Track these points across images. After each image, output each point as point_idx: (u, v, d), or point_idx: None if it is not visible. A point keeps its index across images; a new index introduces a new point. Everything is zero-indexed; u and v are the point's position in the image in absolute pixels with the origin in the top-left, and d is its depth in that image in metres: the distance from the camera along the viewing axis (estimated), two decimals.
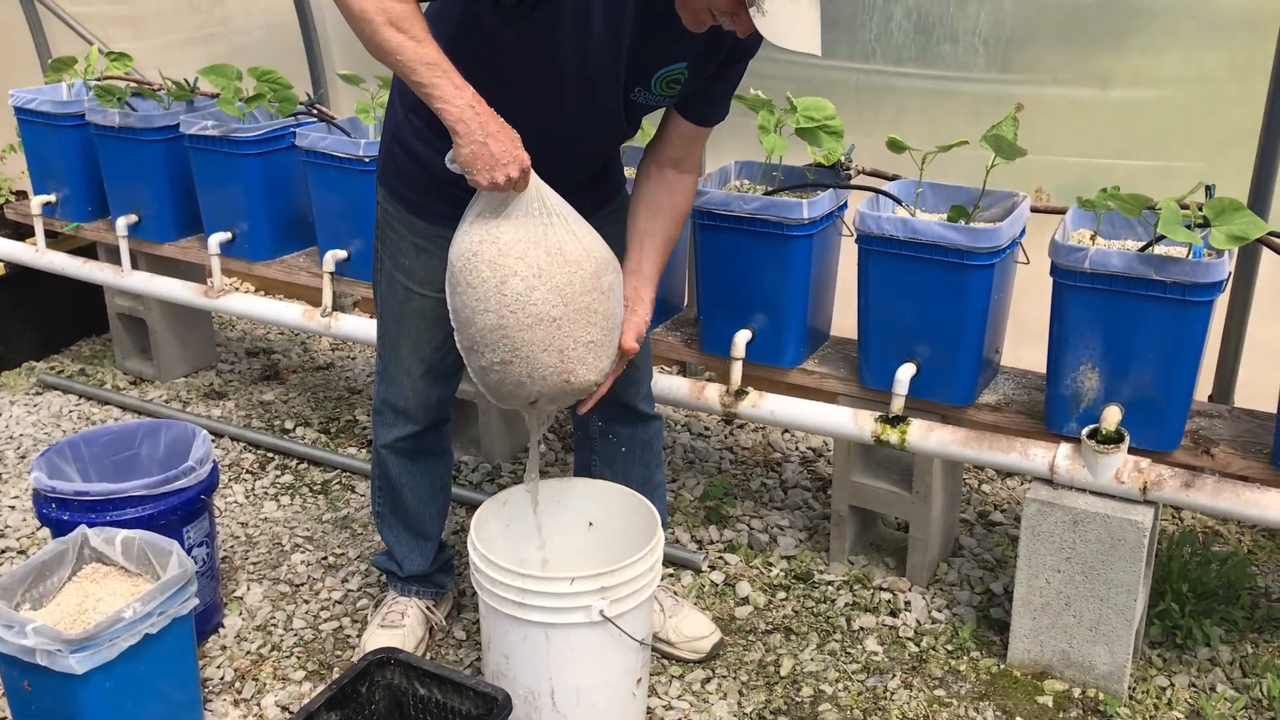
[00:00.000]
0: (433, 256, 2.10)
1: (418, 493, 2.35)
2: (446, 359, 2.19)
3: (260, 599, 2.64)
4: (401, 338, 2.19)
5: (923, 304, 2.33)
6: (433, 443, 2.32)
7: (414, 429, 2.26)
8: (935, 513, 2.58)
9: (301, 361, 3.86)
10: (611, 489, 2.25)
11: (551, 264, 1.86)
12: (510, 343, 1.88)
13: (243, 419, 3.46)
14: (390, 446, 2.30)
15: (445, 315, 2.11)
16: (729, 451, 3.23)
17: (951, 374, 2.37)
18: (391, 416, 2.27)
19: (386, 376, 2.25)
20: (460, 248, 1.90)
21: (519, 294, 1.85)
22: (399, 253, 2.14)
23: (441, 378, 2.22)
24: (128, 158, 3.32)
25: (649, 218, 2.08)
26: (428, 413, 2.25)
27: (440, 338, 2.16)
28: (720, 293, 2.57)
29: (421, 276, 2.13)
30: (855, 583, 2.64)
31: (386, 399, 2.26)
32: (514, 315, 1.86)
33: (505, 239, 1.85)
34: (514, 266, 1.85)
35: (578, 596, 1.97)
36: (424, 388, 2.21)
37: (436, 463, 2.36)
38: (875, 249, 2.34)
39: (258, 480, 3.14)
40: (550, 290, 1.85)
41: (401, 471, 2.33)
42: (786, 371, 2.60)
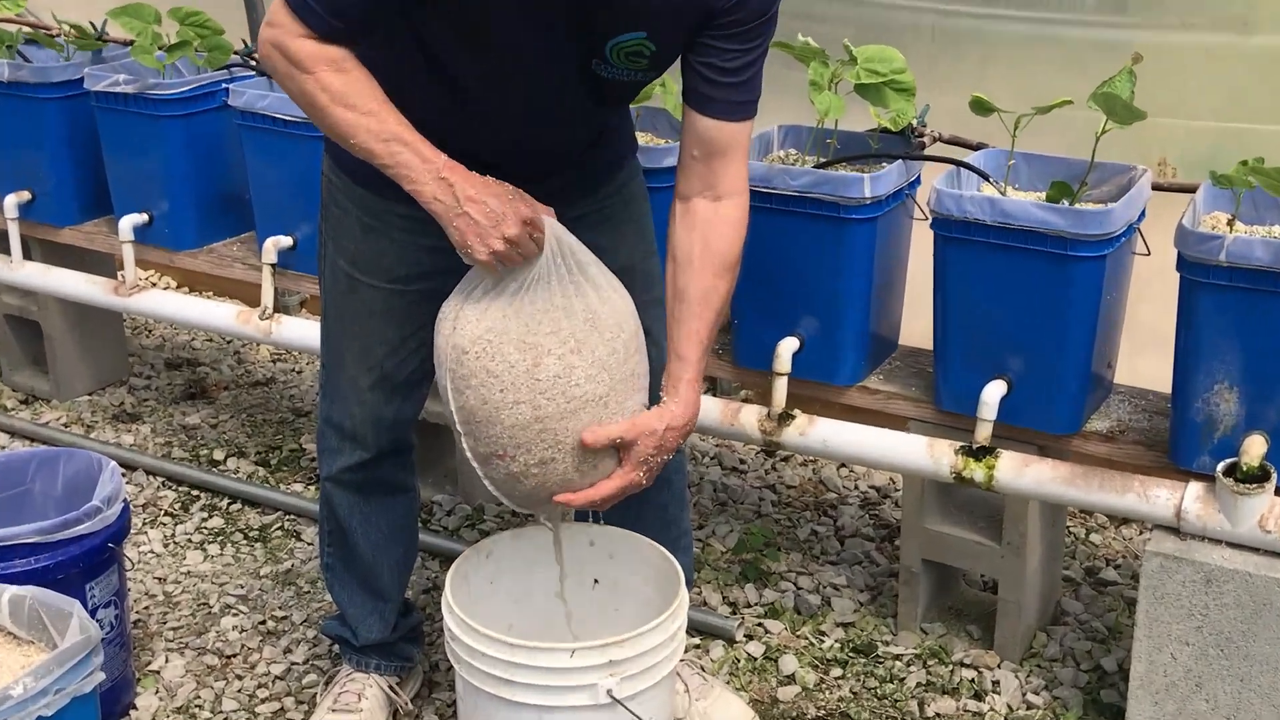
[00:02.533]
0: (382, 238, 2.13)
1: (372, 539, 2.37)
2: (404, 367, 2.21)
3: (182, 673, 2.64)
4: (346, 339, 2.22)
5: (1016, 306, 2.33)
6: (390, 475, 2.33)
7: (363, 456, 2.28)
8: (1031, 569, 2.57)
9: (235, 376, 3.87)
10: (622, 537, 2.25)
11: (590, 332, 1.92)
12: (552, 436, 1.92)
13: (161, 448, 3.47)
14: (336, 479, 2.32)
15: (399, 312, 2.16)
16: (770, 491, 3.23)
17: (1052, 394, 2.37)
18: (335, 440, 2.29)
19: (330, 389, 2.27)
20: (469, 332, 1.93)
21: (557, 376, 1.90)
22: (343, 233, 2.17)
23: (398, 392, 2.24)
24: (19, 120, 3.35)
25: (676, 274, 2.04)
26: (381, 436, 2.26)
27: (395, 339, 2.18)
28: (760, 291, 2.57)
29: (369, 263, 2.16)
30: (930, 657, 2.63)
31: (330, 417, 2.28)
32: (553, 403, 1.91)
33: (530, 310, 1.91)
34: (547, 344, 1.90)
35: (580, 673, 1.97)
36: (375, 403, 2.23)
37: (396, 502, 2.37)
38: (955, 236, 2.34)
39: (179, 525, 3.15)
40: (593, 365, 1.91)
41: (351, 511, 2.34)
42: (843, 390, 2.60)
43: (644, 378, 2.02)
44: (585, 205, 2.13)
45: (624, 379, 1.95)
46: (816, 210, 2.45)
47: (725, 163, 2.01)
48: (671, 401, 2.02)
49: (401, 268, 2.15)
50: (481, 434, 1.96)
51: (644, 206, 2.27)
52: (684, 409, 2.02)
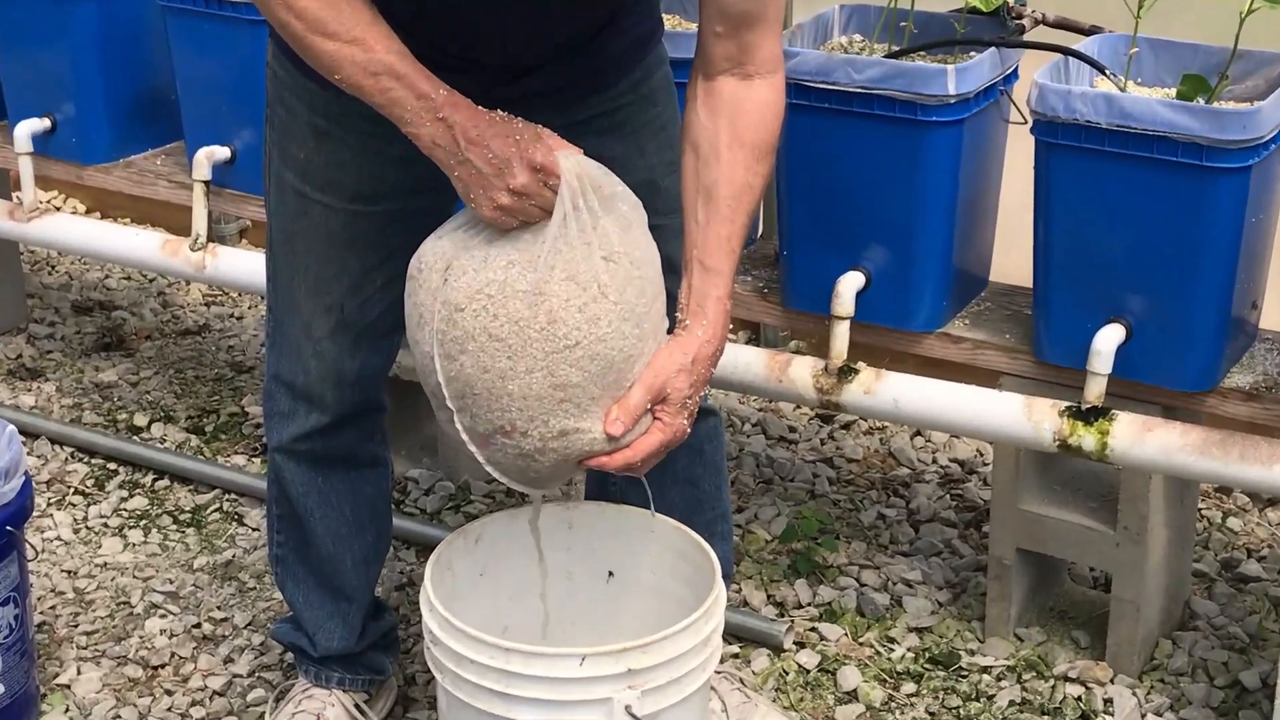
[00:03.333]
0: (341, 147, 2.13)
1: (332, 525, 2.38)
2: (370, 308, 2.21)
3: (98, 687, 2.65)
4: (296, 274, 2.22)
5: (1137, 231, 2.33)
6: (355, 445, 2.34)
7: (320, 420, 2.28)
8: (1154, 561, 2.57)
9: (159, 322, 3.86)
10: (642, 519, 2.24)
11: (613, 273, 1.91)
12: (574, 404, 1.91)
13: (69, 411, 3.47)
14: (287, 450, 2.33)
15: (364, 236, 2.16)
16: (827, 465, 3.22)
17: (1181, 342, 2.37)
18: (286, 401, 2.30)
19: (278, 338, 2.28)
20: (466, 285, 1.91)
21: (577, 329, 1.88)
22: (292, 140, 2.17)
23: (363, 340, 2.24)
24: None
25: (701, 168, 2.02)
26: (342, 396, 2.27)
27: (357, 273, 2.18)
28: (816, 214, 2.56)
29: (324, 177, 2.16)
30: (1026, 670, 2.63)
31: (279, 374, 2.29)
32: (576, 367, 1.89)
33: (542, 253, 1.89)
34: (563, 293, 1.88)
35: (593, 684, 1.97)
36: (335, 354, 2.23)
37: (362, 479, 2.38)
38: (1063, 143, 2.34)
39: (93, 505, 3.15)
40: (620, 313, 1.90)
41: (307, 490, 2.35)
42: (920, 338, 2.60)
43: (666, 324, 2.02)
44: (594, 105, 2.12)
45: (655, 327, 1.95)
46: (887, 111, 2.45)
47: (756, 35, 1.98)
48: (697, 325, 1.99)
49: (365, 183, 2.15)
50: (482, 409, 1.94)
51: (669, 107, 2.24)
52: (713, 331, 1.99)
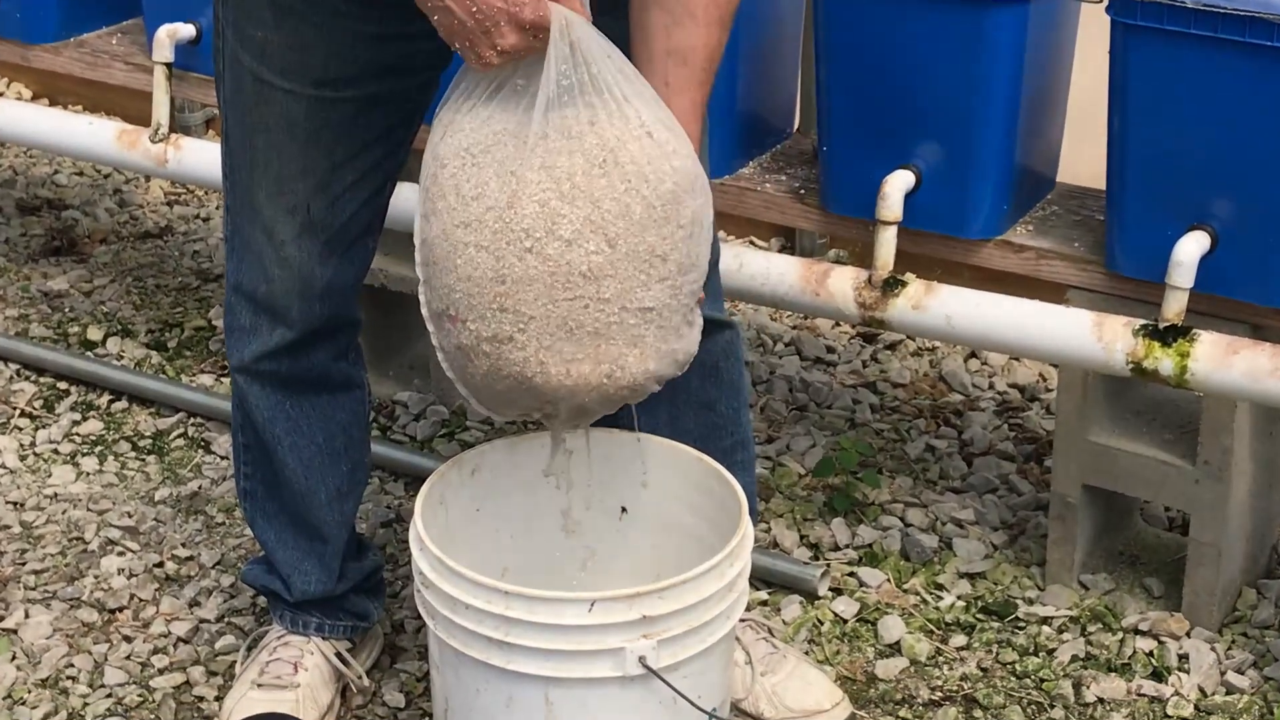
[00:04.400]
0: (305, 24, 2.12)
1: (304, 455, 2.39)
2: (341, 208, 2.23)
3: (48, 632, 2.68)
4: (256, 170, 2.22)
5: (1227, 126, 2.33)
6: (327, 365, 2.36)
7: (286, 336, 2.29)
8: (1237, 500, 2.58)
9: (116, 224, 3.87)
10: (660, 448, 2.26)
11: (594, 178, 1.91)
12: (514, 306, 1.93)
13: (14, 323, 3.49)
14: (250, 370, 2.34)
15: (332, 126, 2.16)
16: (869, 391, 3.23)
17: (1273, 253, 2.38)
18: (248, 315, 2.30)
19: (238, 243, 2.29)
20: (456, 141, 1.95)
21: (529, 227, 1.90)
22: (248, 17, 2.16)
23: (334, 245, 2.25)
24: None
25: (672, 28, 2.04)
26: (311, 308, 2.28)
27: (324, 169, 2.19)
28: (860, 105, 2.57)
29: (286, 59, 2.15)
30: (1092, 621, 2.65)
31: (240, 284, 2.30)
32: (523, 262, 1.91)
33: (532, 130, 1.90)
34: (534, 179, 1.90)
35: (603, 633, 1.99)
36: (301, 261, 2.24)
37: (336, 403, 2.40)
38: (1142, 25, 2.34)
39: (42, 429, 3.17)
40: (585, 223, 1.91)
41: (274, 416, 2.37)
42: (977, 246, 2.61)
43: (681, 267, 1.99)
44: None
45: (637, 255, 1.94)
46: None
47: None
48: None
49: (333, 65, 2.14)
50: (436, 281, 1.99)
51: None
52: None
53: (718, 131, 2.74)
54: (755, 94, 2.80)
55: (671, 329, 2.00)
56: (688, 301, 2.01)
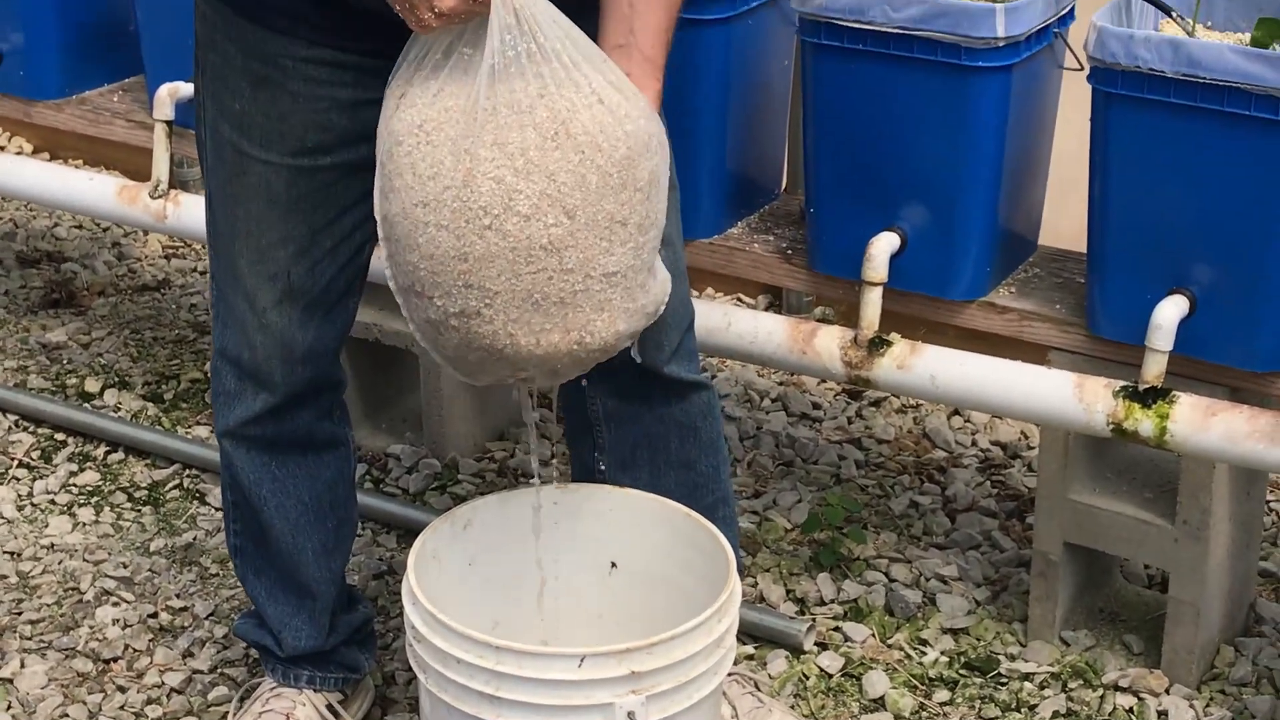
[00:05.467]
0: (281, 93, 2.12)
1: (290, 514, 2.39)
2: (320, 274, 2.22)
3: (43, 682, 2.67)
4: (238, 239, 2.22)
5: (1205, 192, 2.33)
6: (310, 427, 2.35)
7: (269, 401, 2.29)
8: (1216, 559, 2.57)
9: (114, 277, 3.88)
10: (649, 505, 2.28)
11: (549, 151, 1.89)
12: (479, 282, 1.92)
13: (13, 374, 3.49)
14: (236, 434, 2.33)
15: (310, 195, 2.16)
16: (855, 447, 3.23)
17: (1252, 317, 2.37)
18: (233, 380, 2.30)
19: (223, 310, 2.29)
20: (409, 117, 1.94)
21: (486, 205, 1.89)
22: (226, 89, 2.17)
23: (315, 310, 2.25)
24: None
25: None
26: (293, 372, 2.27)
27: (303, 236, 2.19)
28: (847, 168, 2.58)
29: (264, 129, 2.15)
30: (1072, 677, 2.64)
31: (225, 349, 2.30)
32: (482, 240, 1.90)
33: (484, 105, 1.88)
34: (488, 156, 1.88)
35: (591, 687, 1.98)
36: (283, 326, 2.24)
37: (321, 463, 2.39)
38: (1123, 94, 2.34)
39: (39, 480, 3.17)
40: (543, 197, 1.89)
41: (259, 479, 2.36)
42: (960, 307, 2.60)
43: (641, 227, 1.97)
44: None
45: (596, 224, 1.92)
46: (928, 55, 2.45)
47: None
48: None
49: (309, 134, 2.14)
50: (400, 258, 1.98)
51: None
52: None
53: (707, 192, 2.75)
54: (744, 156, 2.80)
55: (637, 286, 1.99)
56: (648, 260, 2.01)
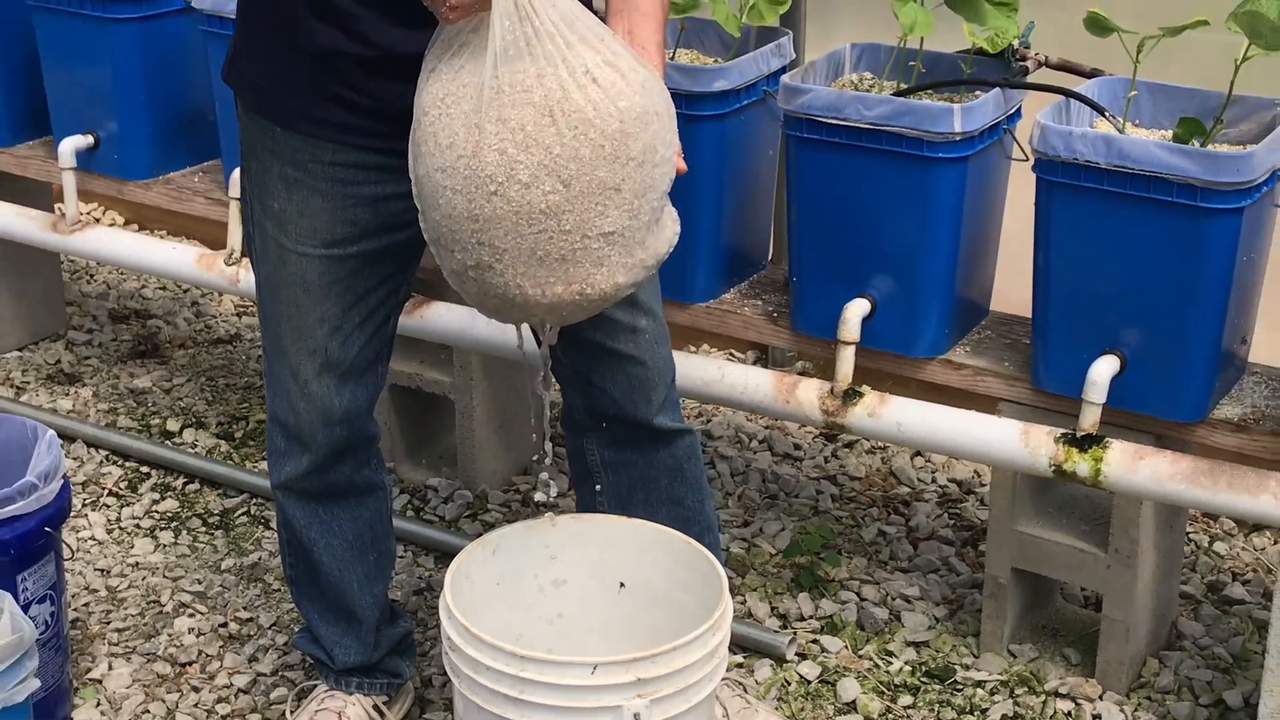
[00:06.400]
0: (311, 193, 2.14)
1: (336, 552, 2.39)
2: (351, 346, 2.22)
3: (128, 683, 2.67)
4: (282, 321, 2.22)
5: (1133, 267, 2.34)
6: (350, 477, 2.35)
7: (312, 461, 2.29)
8: (1143, 583, 2.58)
9: (192, 332, 3.87)
10: (653, 533, 2.27)
11: (545, 127, 1.86)
12: (489, 241, 1.90)
13: (105, 415, 3.48)
14: (286, 487, 2.33)
15: (340, 283, 2.16)
16: (830, 483, 3.23)
17: (1174, 374, 2.37)
18: (282, 440, 2.30)
19: (272, 380, 2.28)
20: (434, 90, 1.92)
21: (492, 174, 1.86)
22: (266, 191, 2.18)
23: (349, 378, 2.25)
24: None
25: None
26: (332, 434, 2.27)
27: (337, 316, 2.19)
28: (825, 243, 2.57)
29: (299, 225, 2.16)
30: (1019, 685, 2.64)
31: (275, 413, 2.29)
32: (489, 204, 1.87)
33: (493, 83, 1.86)
34: (492, 130, 1.86)
35: (604, 692, 1.98)
36: (322, 394, 2.24)
37: (361, 505, 2.39)
38: (1063, 182, 2.35)
39: (126, 507, 3.17)
40: (541, 168, 1.86)
41: (309, 523, 2.36)
42: (922, 364, 2.61)
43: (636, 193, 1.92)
44: None
45: (590, 191, 1.88)
46: (895, 147, 2.46)
47: None
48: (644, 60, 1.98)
49: (338, 228, 2.16)
50: (428, 215, 1.96)
51: None
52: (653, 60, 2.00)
53: (704, 262, 2.75)
54: (736, 232, 2.80)
55: (636, 243, 1.94)
56: (649, 219, 1.94)
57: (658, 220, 1.98)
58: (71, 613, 2.78)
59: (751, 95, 2.68)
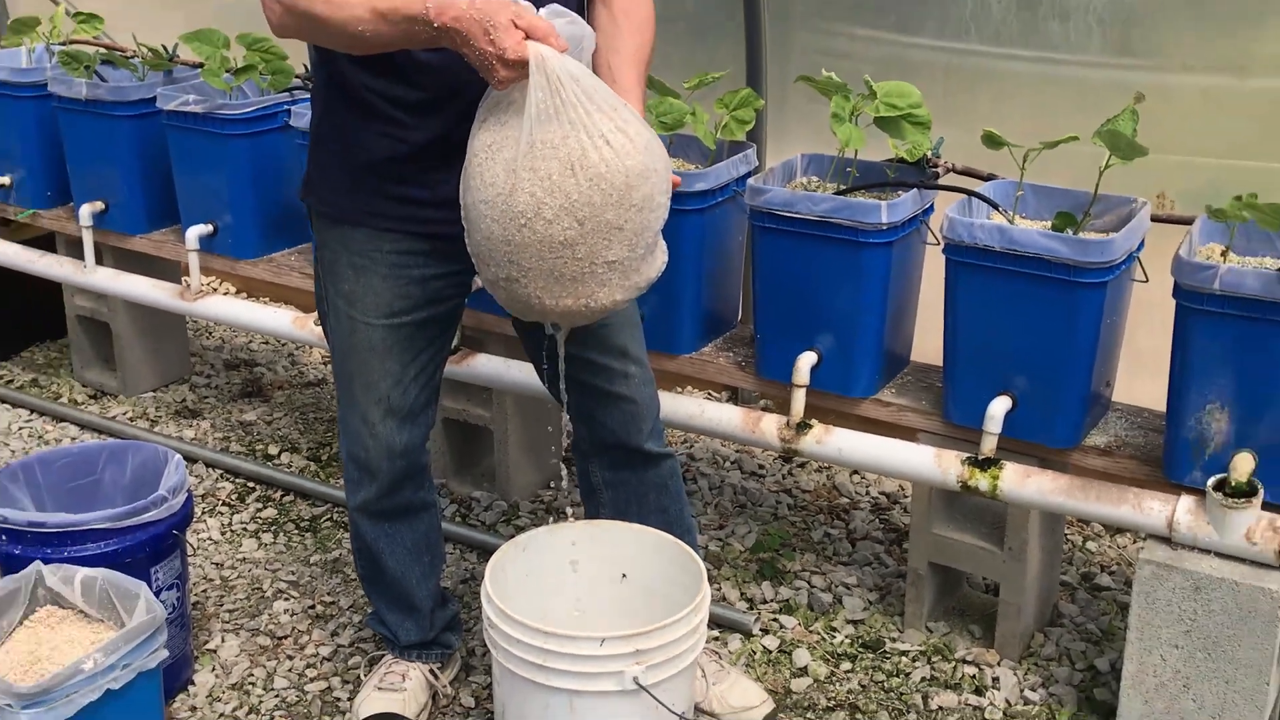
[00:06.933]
0: (373, 275, 2.15)
1: (398, 556, 2.39)
2: (408, 396, 2.23)
3: (237, 652, 2.68)
4: (354, 378, 2.22)
5: (1021, 327, 2.35)
6: (409, 498, 2.34)
7: (380, 488, 2.28)
8: (1031, 574, 2.58)
9: (289, 376, 3.90)
10: (649, 535, 2.28)
11: (567, 178, 1.85)
12: (518, 260, 1.90)
13: (219, 442, 3.50)
14: (360, 509, 2.33)
15: (398, 345, 2.17)
16: (787, 495, 3.24)
17: (1054, 410, 2.38)
18: (356, 473, 2.30)
19: (345, 425, 2.28)
20: (482, 138, 1.92)
21: (523, 211, 1.86)
22: (337, 276, 2.19)
23: (407, 420, 2.25)
24: (95, 135, 3.39)
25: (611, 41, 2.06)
26: (394, 465, 2.27)
27: (396, 371, 2.20)
28: (781, 308, 2.59)
29: (364, 301, 2.17)
30: (934, 654, 2.64)
31: (350, 451, 2.29)
32: (520, 233, 1.88)
33: (527, 139, 1.86)
34: (525, 178, 1.85)
35: (608, 660, 1.99)
36: (387, 434, 2.24)
37: (418, 519, 2.39)
38: (966, 261, 2.36)
39: (236, 514, 3.18)
40: (562, 210, 1.85)
41: (377, 535, 2.36)
42: (858, 402, 2.61)
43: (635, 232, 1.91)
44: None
45: (599, 229, 1.87)
46: (836, 234, 2.47)
47: None
48: None
49: (396, 302, 2.17)
50: (472, 234, 1.95)
51: None
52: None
53: (688, 322, 2.76)
54: (713, 299, 2.81)
55: (633, 270, 1.94)
56: (644, 251, 1.94)
57: (651, 252, 1.98)
58: (193, 597, 2.80)
59: (725, 194, 2.70)
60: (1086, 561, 2.96)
